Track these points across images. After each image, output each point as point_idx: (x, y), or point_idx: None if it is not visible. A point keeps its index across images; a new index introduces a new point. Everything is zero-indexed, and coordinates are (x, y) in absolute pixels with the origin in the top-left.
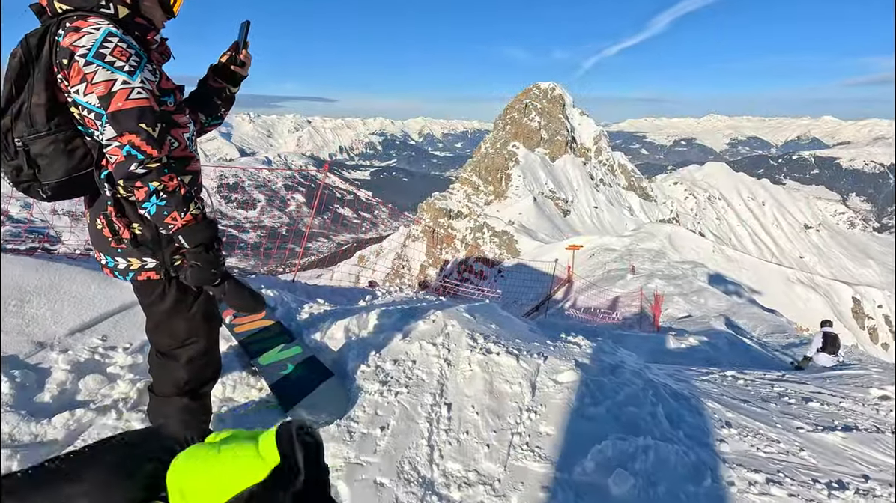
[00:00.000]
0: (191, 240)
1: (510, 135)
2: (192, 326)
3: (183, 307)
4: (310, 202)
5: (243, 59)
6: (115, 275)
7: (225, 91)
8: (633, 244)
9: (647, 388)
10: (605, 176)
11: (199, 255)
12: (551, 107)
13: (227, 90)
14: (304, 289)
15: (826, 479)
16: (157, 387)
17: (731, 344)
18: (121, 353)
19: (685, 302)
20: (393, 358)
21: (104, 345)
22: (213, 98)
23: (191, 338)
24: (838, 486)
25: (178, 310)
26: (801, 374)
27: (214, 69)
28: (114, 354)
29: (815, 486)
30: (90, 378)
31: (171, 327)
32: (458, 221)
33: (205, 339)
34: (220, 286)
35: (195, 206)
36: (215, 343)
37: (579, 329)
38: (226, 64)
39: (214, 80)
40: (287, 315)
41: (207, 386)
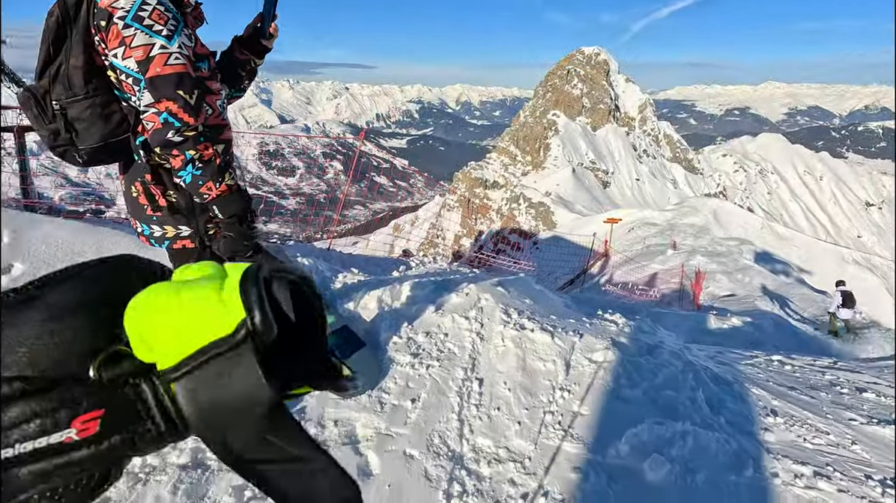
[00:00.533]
0: (225, 210)
1: (550, 103)
2: None
3: None
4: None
5: (272, 31)
6: (150, 243)
7: (250, 63)
8: (676, 219)
9: (687, 371)
10: (648, 147)
11: (233, 226)
12: (595, 73)
13: (252, 62)
14: (339, 258)
15: (880, 476)
16: None
17: (778, 325)
18: None
19: (729, 280)
20: (425, 330)
21: None
22: (237, 70)
23: None
24: (893, 484)
25: None
26: (855, 363)
27: (240, 41)
28: None
29: (867, 483)
30: None
31: None
32: (494, 192)
33: None
34: (253, 258)
35: (230, 176)
36: None
37: (616, 306)
38: (253, 36)
39: (241, 52)
40: (321, 283)
41: None
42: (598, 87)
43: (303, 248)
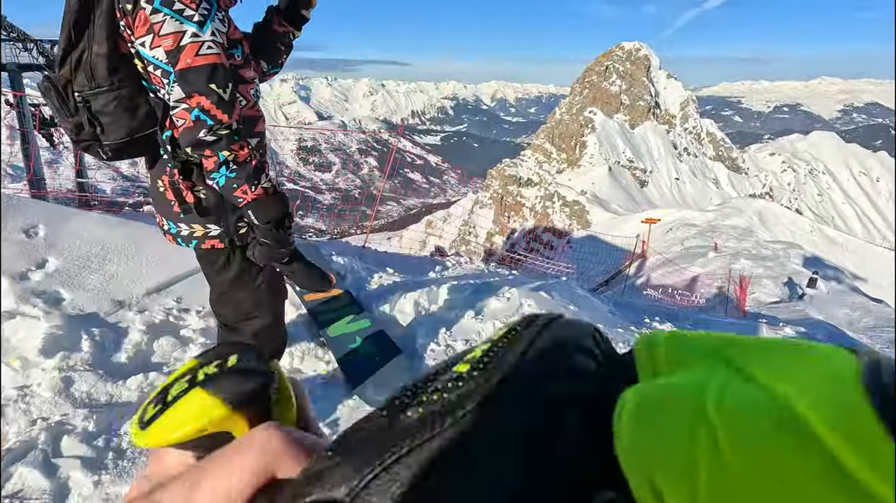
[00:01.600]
0: (261, 215)
1: (587, 100)
2: (257, 299)
3: (247, 278)
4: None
5: (314, 0)
6: (177, 243)
7: (289, 35)
8: (717, 220)
9: None
10: (690, 145)
11: (269, 233)
12: (635, 69)
13: (292, 34)
14: (374, 257)
15: None
16: None
17: (833, 336)
18: (194, 316)
19: (775, 286)
20: (464, 337)
21: (178, 306)
22: (276, 43)
23: (255, 312)
24: None
25: (243, 281)
26: None
27: (280, 11)
28: (187, 317)
29: None
30: (164, 340)
31: (235, 299)
32: (528, 189)
33: (270, 314)
34: (289, 265)
35: (266, 178)
36: (281, 317)
37: (660, 312)
38: (291, 6)
39: (280, 24)
40: (357, 284)
41: None
42: (638, 83)
43: (337, 245)
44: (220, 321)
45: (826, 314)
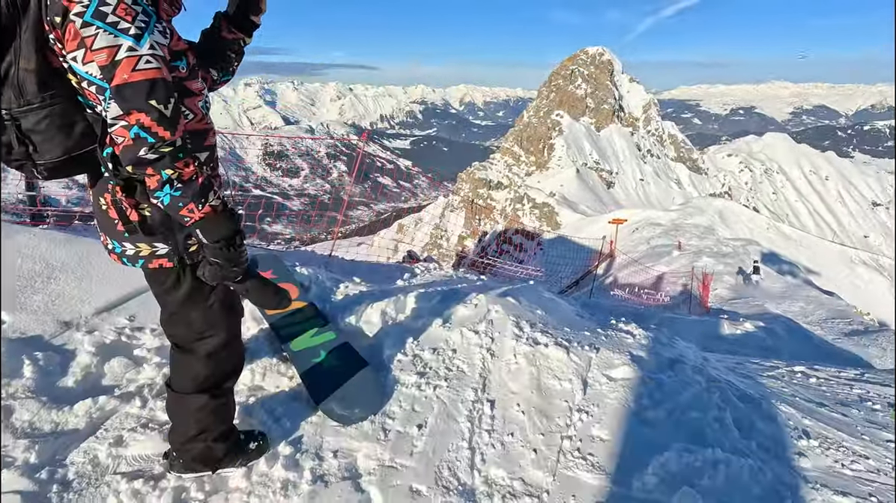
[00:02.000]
0: (210, 235)
1: (554, 103)
2: (211, 317)
3: (200, 297)
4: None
5: (263, 5)
6: (123, 262)
7: (239, 42)
8: (681, 219)
9: (713, 389)
10: (653, 147)
11: (219, 252)
12: (599, 73)
13: (242, 41)
14: (341, 266)
15: None
16: (175, 383)
17: (790, 330)
18: (148, 335)
19: (736, 282)
20: (432, 346)
21: (131, 325)
22: (225, 51)
23: (209, 331)
24: None
25: (195, 300)
26: (883, 375)
27: (228, 18)
28: (141, 336)
29: None
30: (116, 361)
31: (187, 318)
32: (498, 192)
33: (225, 332)
34: (243, 283)
35: (214, 195)
36: (237, 335)
37: (627, 312)
38: (241, 11)
39: (229, 31)
40: (321, 295)
41: (230, 381)
42: (602, 87)
43: (302, 256)
44: (172, 342)
45: (782, 308)
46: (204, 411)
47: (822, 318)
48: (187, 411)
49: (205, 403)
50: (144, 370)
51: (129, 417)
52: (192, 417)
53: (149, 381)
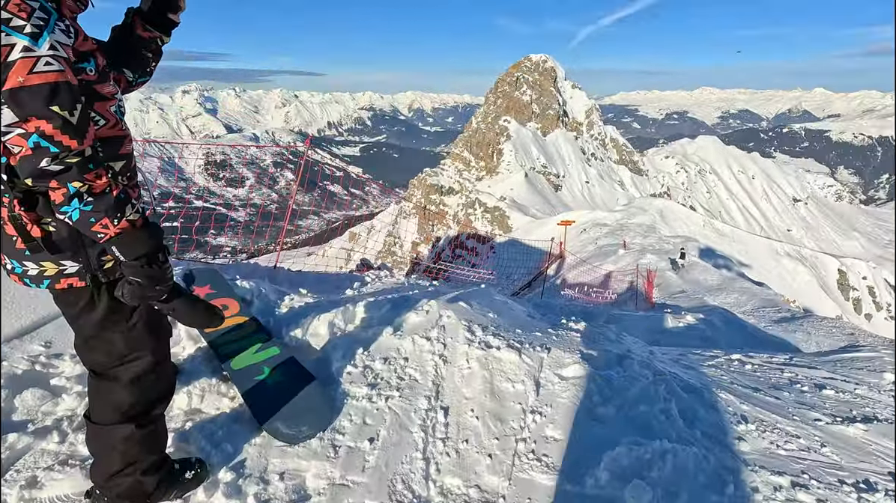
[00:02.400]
0: (128, 251)
1: (501, 109)
2: (134, 339)
3: (119, 317)
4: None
5: (181, 3)
6: (25, 284)
7: (157, 41)
8: (625, 219)
9: (659, 382)
10: (596, 150)
11: (139, 270)
12: (543, 80)
13: (160, 40)
14: (287, 278)
15: (853, 480)
16: (96, 414)
17: (727, 321)
18: (67, 362)
19: (677, 276)
20: (383, 356)
21: (47, 352)
22: (141, 50)
23: (133, 354)
24: (867, 488)
25: (114, 322)
26: (809, 358)
27: (143, 14)
28: (59, 363)
29: (842, 489)
30: (29, 393)
31: (106, 342)
32: (450, 198)
33: (151, 353)
34: (168, 302)
35: (132, 208)
36: (166, 356)
37: (577, 311)
38: (156, 8)
39: (144, 29)
40: (265, 309)
41: (159, 407)
42: (547, 93)
43: (245, 268)
44: (90, 368)
45: (719, 300)
46: (130, 442)
47: (755, 308)
48: (110, 444)
49: (130, 433)
50: (63, 401)
51: (45, 455)
52: (116, 450)
53: (68, 413)
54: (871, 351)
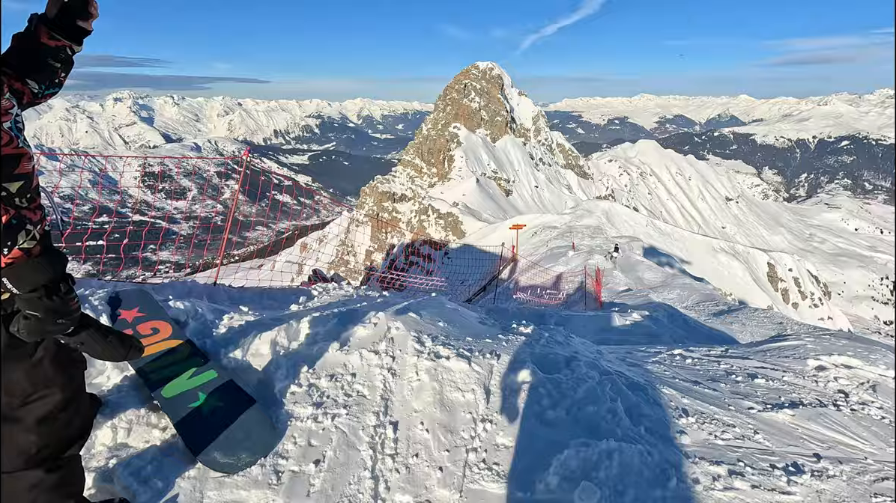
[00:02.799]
0: (22, 283)
1: (451, 116)
2: (39, 375)
3: (21, 353)
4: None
5: (93, 9)
6: None
7: (66, 50)
8: (573, 221)
9: (605, 382)
10: (544, 155)
11: (38, 303)
12: (490, 87)
13: (70, 49)
14: (227, 295)
15: (782, 464)
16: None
17: (671, 316)
18: None
19: (624, 275)
20: (329, 372)
21: None
22: (46, 60)
23: (38, 392)
24: (795, 471)
25: (14, 358)
26: (743, 349)
27: (48, 22)
28: None
29: (773, 473)
30: None
31: (4, 381)
32: (403, 204)
33: (62, 389)
34: (76, 335)
35: (27, 235)
36: (80, 390)
37: (528, 314)
38: (63, 14)
39: (51, 37)
40: (202, 330)
41: (74, 447)
42: (494, 100)
43: (180, 287)
44: None
45: (663, 296)
46: (39, 489)
47: (696, 302)
48: (17, 492)
49: (39, 480)
50: None
51: None
52: (24, 499)
53: None
54: (795, 339)
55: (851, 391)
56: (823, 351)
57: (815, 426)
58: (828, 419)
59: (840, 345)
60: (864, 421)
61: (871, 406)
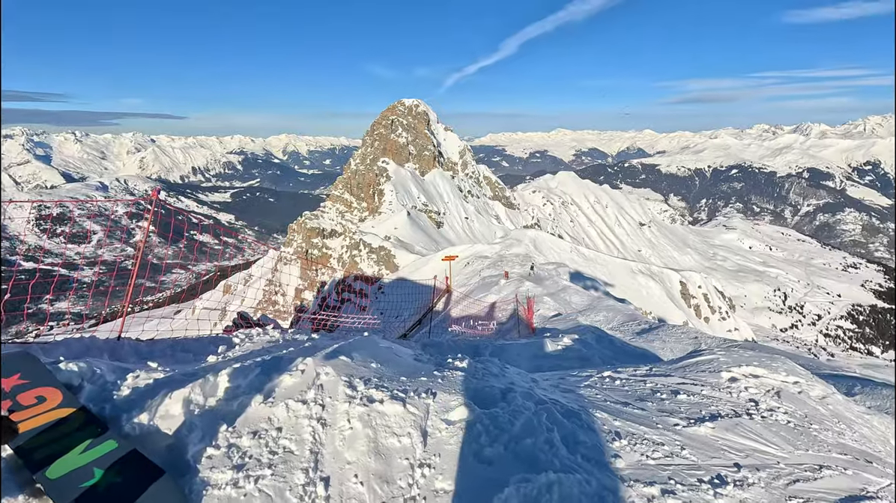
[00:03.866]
0: None
1: (379, 150)
2: None
3: None
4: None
5: None
6: None
7: None
8: (503, 250)
9: (541, 412)
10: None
11: None
12: (417, 123)
13: None
14: (134, 350)
15: (708, 477)
16: None
17: (599, 338)
18: None
19: (553, 301)
20: (252, 429)
21: None
22: None
23: None
24: (719, 482)
25: None
26: (665, 366)
27: None
28: None
29: (701, 488)
30: None
31: None
32: (333, 240)
33: None
34: None
35: None
36: None
37: (463, 347)
38: None
39: None
40: (100, 394)
41: None
42: (422, 135)
43: (76, 345)
44: None
45: (590, 319)
46: None
47: (620, 323)
48: None
49: None
50: None
51: None
52: None
53: None
54: (709, 353)
55: (760, 399)
56: (734, 363)
57: (732, 436)
58: (743, 428)
59: (747, 356)
60: (773, 426)
61: (777, 412)
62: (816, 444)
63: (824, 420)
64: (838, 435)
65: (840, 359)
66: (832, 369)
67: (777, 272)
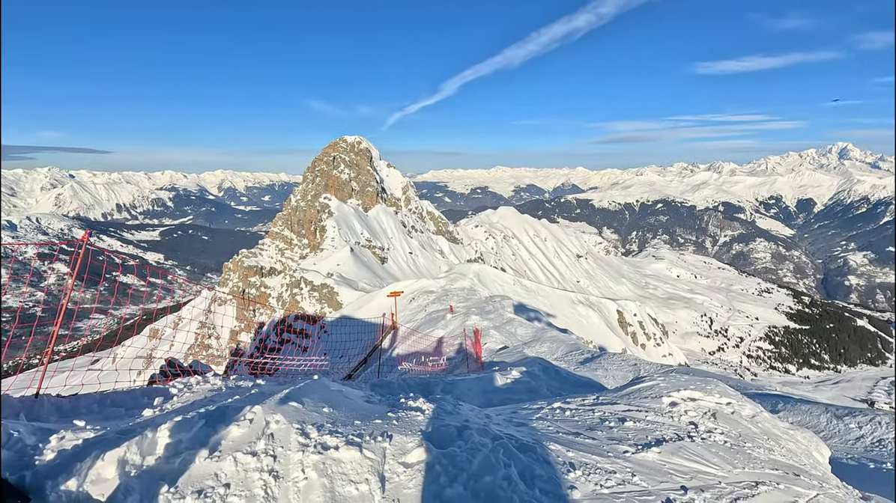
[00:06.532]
0: None
1: (321, 187)
2: None
3: None
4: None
5: None
6: None
7: None
8: (448, 284)
9: (497, 448)
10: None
11: None
12: (359, 159)
13: None
14: (56, 407)
15: (659, 502)
16: None
17: (545, 369)
18: None
19: (499, 333)
20: (196, 488)
21: None
22: None
23: None
24: None
25: None
26: (611, 394)
27: None
28: None
29: None
30: None
31: None
32: (272, 279)
33: None
34: None
35: None
36: None
37: (414, 385)
38: None
39: None
40: (17, 461)
41: None
42: (364, 171)
43: None
44: None
45: (535, 350)
46: None
47: (564, 353)
48: None
49: None
50: None
51: None
52: None
53: None
54: (650, 380)
55: (699, 421)
56: (673, 387)
57: (678, 459)
58: (686, 451)
59: (684, 380)
60: (713, 447)
61: (715, 433)
62: (751, 462)
63: (756, 438)
64: (769, 451)
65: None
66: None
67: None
